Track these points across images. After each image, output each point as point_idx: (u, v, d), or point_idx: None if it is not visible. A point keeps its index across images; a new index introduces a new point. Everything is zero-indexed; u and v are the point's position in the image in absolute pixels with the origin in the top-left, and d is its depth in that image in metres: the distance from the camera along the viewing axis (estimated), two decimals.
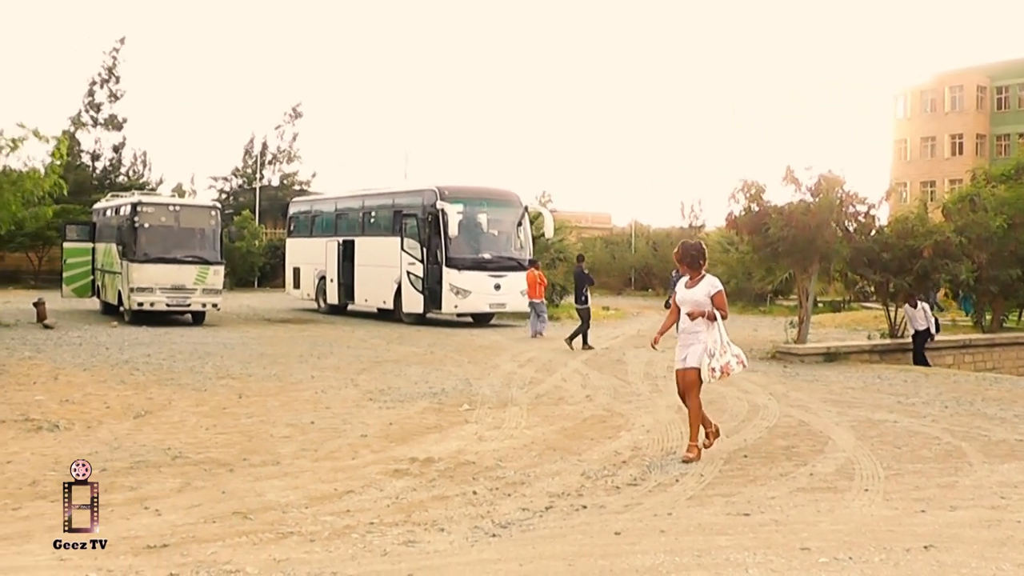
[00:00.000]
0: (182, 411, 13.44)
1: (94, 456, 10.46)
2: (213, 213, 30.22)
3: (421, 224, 29.93)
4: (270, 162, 66.14)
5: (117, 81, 62.13)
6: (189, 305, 28.93)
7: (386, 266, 31.08)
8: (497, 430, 12.45)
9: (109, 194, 39.80)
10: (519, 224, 30.98)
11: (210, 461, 10.33)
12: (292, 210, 39.86)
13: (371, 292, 32.62)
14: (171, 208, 30.11)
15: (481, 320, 31.19)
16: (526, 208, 31.60)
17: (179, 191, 57.73)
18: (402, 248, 30.33)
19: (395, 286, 30.86)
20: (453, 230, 28.75)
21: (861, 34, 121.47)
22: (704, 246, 11.21)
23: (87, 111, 61.73)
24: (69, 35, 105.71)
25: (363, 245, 33.01)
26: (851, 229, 23.58)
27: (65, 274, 33.16)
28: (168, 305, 28.50)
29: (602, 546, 7.30)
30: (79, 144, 59.82)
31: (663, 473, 10.06)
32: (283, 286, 41.43)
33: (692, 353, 10.67)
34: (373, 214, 33.42)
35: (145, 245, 28.41)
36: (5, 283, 43.59)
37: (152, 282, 28.15)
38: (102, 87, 61.89)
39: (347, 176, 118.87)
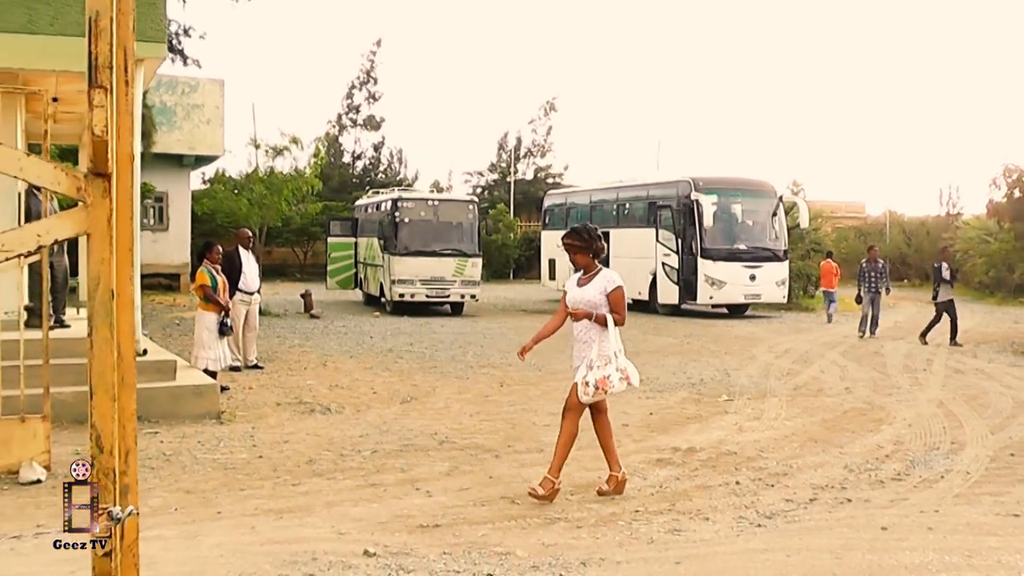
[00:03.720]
0: (446, 398, 13.84)
1: (365, 438, 10.95)
2: (470, 207, 30.86)
3: (676, 215, 29.88)
4: (524, 156, 66.91)
5: (375, 83, 64.06)
6: (448, 296, 29.65)
7: (641, 257, 31.11)
8: (757, 421, 12.36)
9: (370, 191, 41.15)
10: (774, 214, 30.47)
11: (475, 447, 10.62)
12: (547, 203, 40.25)
13: (625, 283, 32.57)
14: (430, 203, 30.90)
15: (736, 311, 30.86)
16: (781, 198, 31.08)
17: (436, 187, 59.13)
18: (657, 239, 30.40)
19: (650, 277, 30.89)
20: (708, 221, 28.60)
21: None
22: (597, 231, 9.16)
23: (347, 113, 63.93)
24: (329, 42, 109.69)
25: (618, 237, 33.02)
26: None
27: (329, 267, 34.47)
28: (428, 296, 29.28)
29: (869, 541, 7.20)
30: (340, 145, 62.08)
31: (927, 469, 9.77)
32: (538, 278, 41.93)
33: (581, 366, 8.68)
34: (627, 206, 33.43)
35: (406, 239, 29.26)
36: (273, 276, 45.53)
37: (412, 274, 28.97)
38: (360, 89, 63.92)
39: (599, 168, 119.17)
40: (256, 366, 16.40)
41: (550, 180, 63.81)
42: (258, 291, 17.00)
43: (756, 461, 9.98)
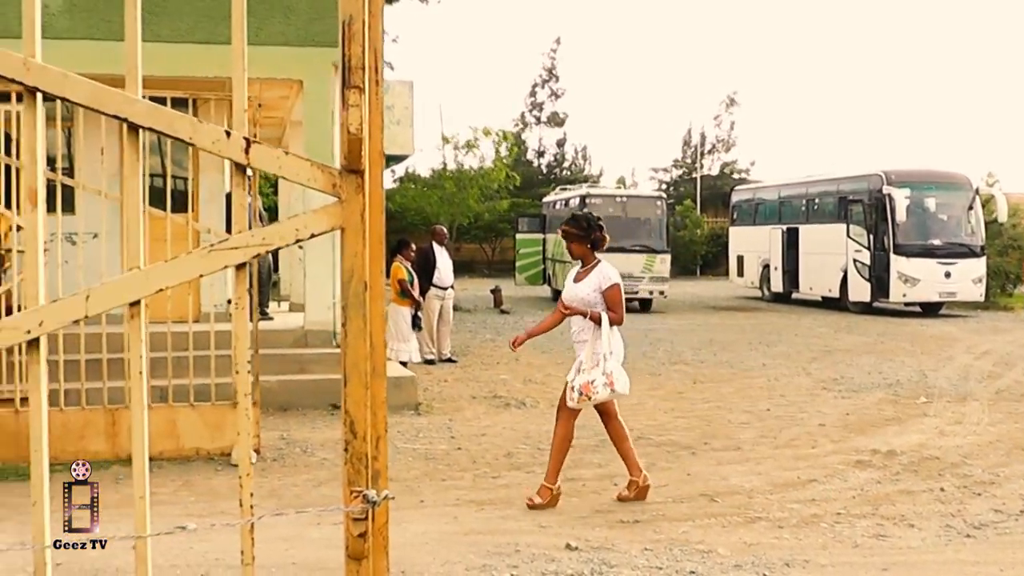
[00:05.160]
0: (639, 394, 13.80)
1: None
2: (658, 203, 30.80)
3: (867, 210, 29.15)
4: (709, 151, 66.37)
5: (557, 80, 64.53)
6: (636, 292, 29.55)
7: (831, 253, 30.47)
8: (958, 425, 11.95)
9: (557, 187, 41.39)
10: (970, 208, 29.42)
11: (672, 443, 10.61)
12: (735, 198, 39.81)
13: (815, 280, 32.08)
14: (618, 199, 30.97)
15: (930, 309, 29.94)
16: (977, 191, 29.98)
17: (621, 183, 59.15)
18: (848, 235, 29.70)
19: (840, 274, 30.21)
20: (900, 216, 27.79)
21: None
22: (599, 220, 8.56)
23: (530, 111, 64.47)
24: (511, 42, 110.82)
25: (807, 232, 32.52)
26: None
27: (518, 263, 34.84)
28: None
29: None
30: (524, 142, 62.59)
31: None
32: (724, 274, 41.58)
33: (571, 369, 8.17)
34: (817, 201, 32.82)
35: None
36: (461, 272, 46.26)
37: None
38: (543, 87, 64.45)
39: (786, 163, 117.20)
40: (450, 360, 16.75)
41: (736, 175, 63.10)
42: (451, 286, 17.32)
43: (960, 467, 9.64)
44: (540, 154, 64.72)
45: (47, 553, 2.42)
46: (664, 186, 65.10)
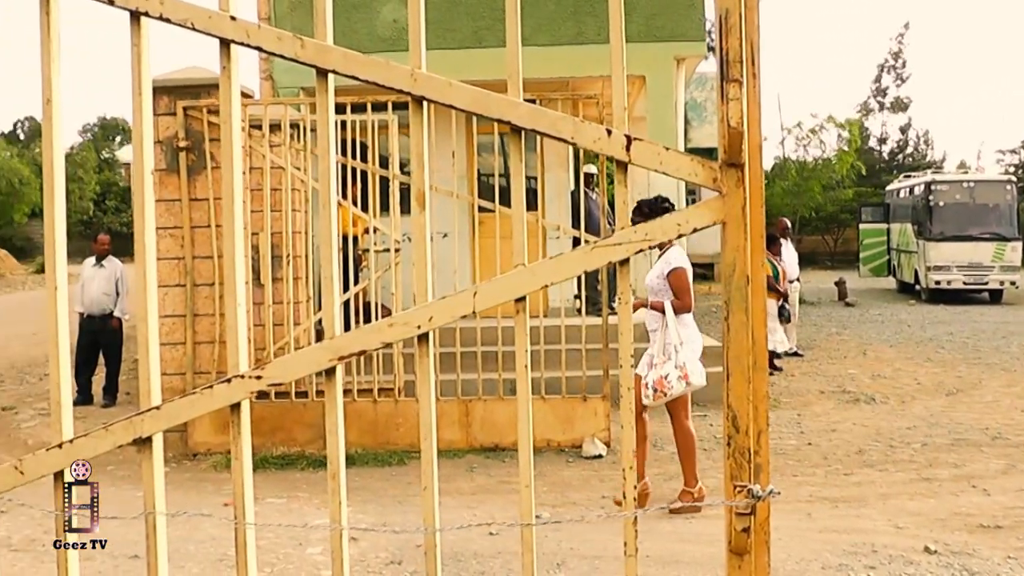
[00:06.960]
0: (994, 391, 13.20)
1: (913, 430, 10.69)
2: (1008, 187, 29.24)
3: None
4: None
5: (903, 65, 62.47)
6: (986, 283, 28.24)
7: None
8: None
9: (901, 175, 40.03)
10: None
11: None
12: None
13: None
14: (964, 185, 29.57)
15: None
16: None
17: (963, 167, 56.62)
18: None
19: None
20: None
21: None
22: (666, 202, 7.62)
23: (874, 97, 62.71)
24: (855, 29, 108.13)
25: None
26: None
27: (862, 254, 33.92)
28: (965, 283, 28.03)
29: None
30: (867, 130, 60.83)
31: None
32: None
33: (642, 364, 7.54)
34: None
35: (940, 223, 28.16)
36: (804, 264, 45.46)
37: (949, 260, 27.82)
38: (888, 72, 62.55)
39: None
40: (796, 353, 16.50)
41: None
42: (797, 279, 17.11)
43: None
44: (882, 141, 62.89)
45: (437, 536, 2.56)
46: (1012, 169, 61.92)
